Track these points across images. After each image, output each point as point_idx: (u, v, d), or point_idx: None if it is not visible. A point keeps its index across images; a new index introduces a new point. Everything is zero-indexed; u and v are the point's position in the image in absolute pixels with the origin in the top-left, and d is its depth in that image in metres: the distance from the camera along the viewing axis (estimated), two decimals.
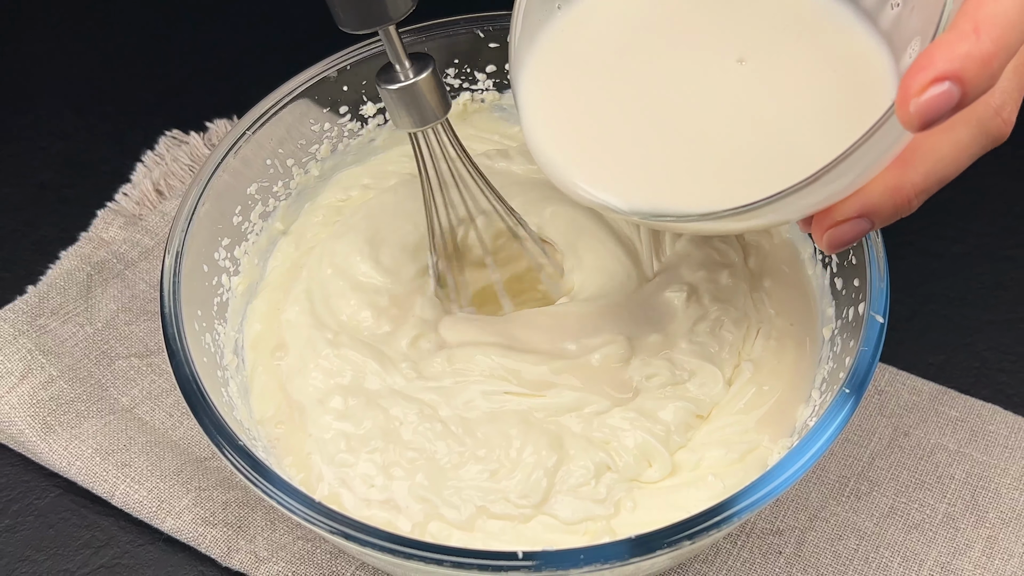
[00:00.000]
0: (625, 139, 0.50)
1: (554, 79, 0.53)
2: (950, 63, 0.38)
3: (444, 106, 0.57)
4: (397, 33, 0.53)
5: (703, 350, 0.60)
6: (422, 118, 0.56)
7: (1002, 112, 0.45)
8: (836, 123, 0.47)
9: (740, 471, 0.56)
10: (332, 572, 0.60)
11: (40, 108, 0.86)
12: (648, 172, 0.49)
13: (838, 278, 0.59)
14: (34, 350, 0.67)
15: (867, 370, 0.51)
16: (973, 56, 0.38)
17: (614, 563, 0.46)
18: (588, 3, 0.54)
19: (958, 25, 0.39)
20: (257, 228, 0.65)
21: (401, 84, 0.55)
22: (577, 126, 0.51)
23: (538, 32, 0.54)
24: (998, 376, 0.69)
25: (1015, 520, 0.62)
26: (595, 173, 0.50)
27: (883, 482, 0.63)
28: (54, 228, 0.77)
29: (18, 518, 0.64)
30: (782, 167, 0.46)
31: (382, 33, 0.53)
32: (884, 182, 0.46)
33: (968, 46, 0.38)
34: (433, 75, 0.55)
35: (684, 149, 0.49)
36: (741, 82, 0.50)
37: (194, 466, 0.64)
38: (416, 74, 0.55)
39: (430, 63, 0.55)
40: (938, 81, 0.38)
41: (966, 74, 0.38)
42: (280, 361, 0.62)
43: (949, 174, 0.46)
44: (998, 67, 0.39)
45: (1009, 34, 0.39)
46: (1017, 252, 0.75)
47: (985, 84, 0.39)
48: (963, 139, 0.45)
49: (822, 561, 0.61)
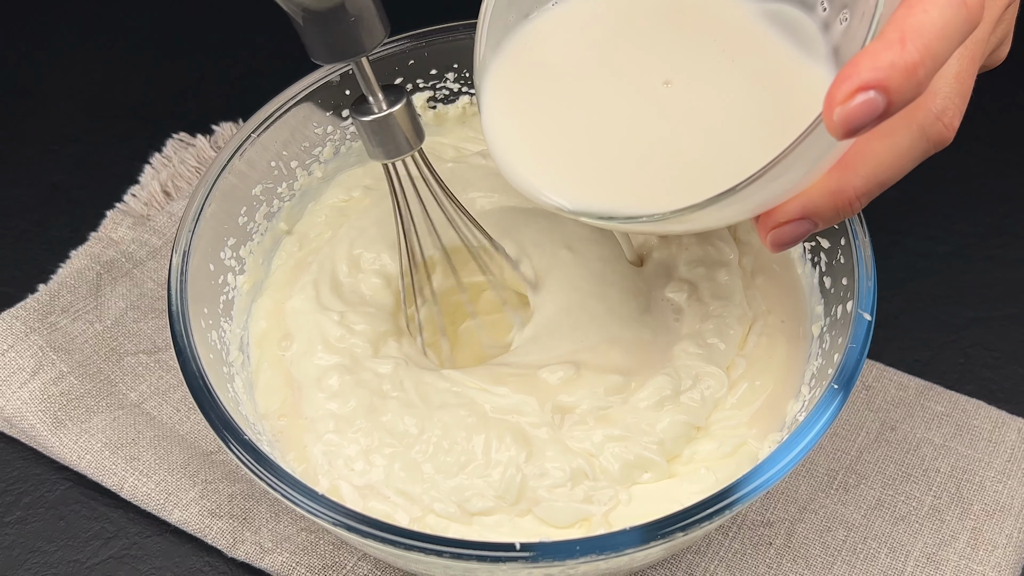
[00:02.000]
0: (577, 146, 0.52)
1: (513, 88, 0.54)
2: (874, 72, 0.38)
3: (417, 137, 0.55)
4: (369, 65, 0.52)
5: (709, 352, 0.59)
6: (396, 149, 0.54)
7: (943, 117, 0.45)
8: (772, 132, 0.48)
9: (732, 464, 0.56)
10: (334, 563, 0.60)
11: (52, 112, 0.86)
12: (598, 176, 0.51)
13: (827, 277, 0.59)
14: (45, 347, 0.67)
15: (855, 366, 0.51)
16: (897, 66, 0.38)
17: (609, 554, 0.46)
18: (549, 18, 0.55)
19: (885, 35, 0.39)
20: (262, 228, 0.65)
21: (374, 116, 0.53)
22: (533, 133, 0.53)
23: (502, 41, 0.54)
24: (982, 372, 0.69)
25: (999, 512, 0.61)
26: (548, 176, 0.51)
27: (871, 475, 0.63)
28: (65, 228, 0.77)
29: (30, 510, 0.64)
30: (723, 172, 0.46)
31: (354, 65, 0.51)
32: (825, 185, 0.46)
33: (893, 56, 0.38)
34: (407, 107, 0.53)
35: (631, 156, 0.50)
36: (684, 95, 0.51)
37: (200, 460, 0.64)
38: (389, 106, 0.53)
39: (403, 95, 0.53)
40: (863, 90, 0.38)
41: (891, 83, 0.38)
42: (285, 351, 0.61)
43: (890, 178, 0.46)
44: (924, 76, 0.39)
45: (936, 43, 0.39)
46: (1000, 252, 0.75)
47: (911, 93, 0.39)
48: (903, 144, 0.45)
49: (811, 552, 0.61)
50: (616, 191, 0.50)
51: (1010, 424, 0.65)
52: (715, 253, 0.63)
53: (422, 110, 0.70)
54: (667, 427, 0.56)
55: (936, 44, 0.39)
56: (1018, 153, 0.81)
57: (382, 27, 0.50)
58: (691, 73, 0.51)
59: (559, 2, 0.55)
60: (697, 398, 0.58)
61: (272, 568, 0.60)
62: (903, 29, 0.39)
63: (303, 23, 0.49)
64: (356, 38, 0.49)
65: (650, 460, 0.55)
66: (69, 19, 0.94)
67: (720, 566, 0.60)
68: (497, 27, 0.54)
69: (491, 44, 0.54)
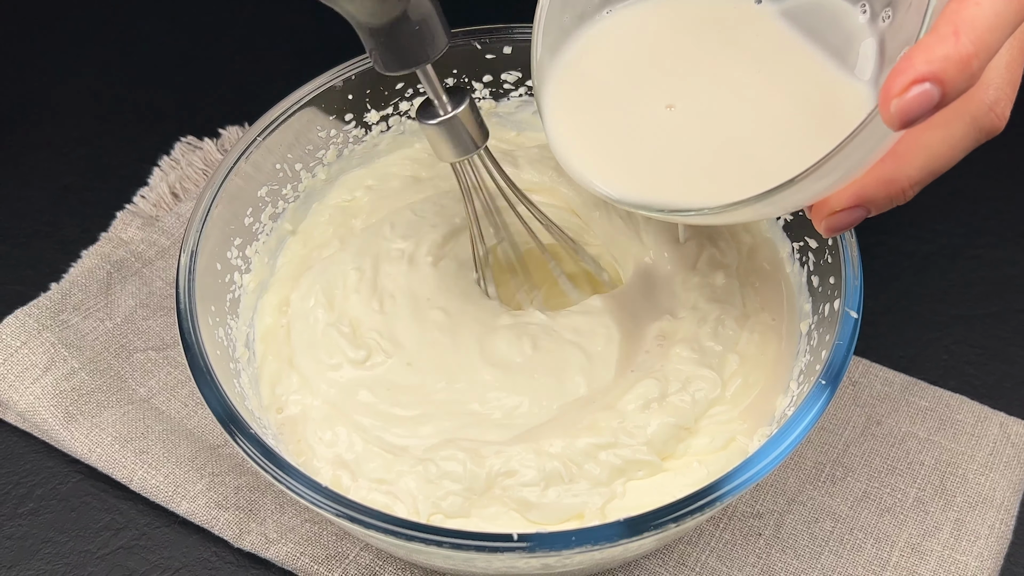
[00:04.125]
0: (635, 145, 0.53)
1: (572, 93, 0.56)
2: (929, 65, 0.38)
3: (482, 135, 0.56)
4: (434, 71, 0.53)
5: (703, 357, 0.59)
6: (464, 148, 0.56)
7: (995, 108, 0.45)
8: (812, 133, 0.49)
9: (723, 458, 0.56)
10: (337, 553, 0.60)
11: (63, 117, 0.86)
12: (659, 173, 0.52)
13: (815, 276, 0.59)
14: (57, 344, 0.67)
15: (842, 363, 0.51)
16: (952, 58, 0.38)
17: (604, 545, 0.46)
18: (602, 27, 0.57)
19: (938, 28, 0.39)
20: (267, 228, 0.65)
21: (441, 119, 0.54)
22: (592, 134, 0.54)
23: (560, 47, 0.56)
24: (965, 368, 0.69)
25: (981, 504, 0.61)
26: (609, 173, 0.53)
27: (857, 468, 0.63)
28: (76, 229, 0.77)
29: (42, 502, 0.64)
30: (770, 169, 0.47)
31: (420, 72, 0.53)
32: (879, 174, 0.46)
33: (947, 48, 0.38)
34: (470, 107, 0.55)
35: (689, 154, 0.52)
36: (729, 101, 0.52)
37: (208, 453, 0.64)
38: (454, 107, 0.54)
39: (466, 96, 0.55)
40: (918, 82, 0.38)
41: (945, 75, 0.38)
42: (285, 345, 0.62)
43: (942, 166, 0.46)
44: (978, 67, 0.39)
45: (988, 35, 0.39)
46: (984, 251, 0.75)
47: (965, 84, 0.39)
48: (956, 134, 0.45)
49: (799, 543, 0.61)
50: (677, 185, 0.51)
51: (992, 418, 0.65)
52: (718, 255, 0.63)
53: None
54: (656, 430, 0.56)
55: (988, 36, 0.39)
56: (1000, 155, 0.81)
57: (444, 34, 0.52)
58: (734, 81, 0.53)
59: (612, 11, 0.57)
60: (687, 400, 0.57)
61: (277, 558, 0.60)
62: (956, 22, 0.39)
63: (367, 36, 0.50)
64: (421, 48, 0.51)
65: (642, 461, 0.55)
66: (80, 27, 0.94)
67: (711, 556, 0.60)
68: (553, 29, 0.55)
69: (547, 46, 0.55)
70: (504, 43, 0.68)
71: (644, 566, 0.60)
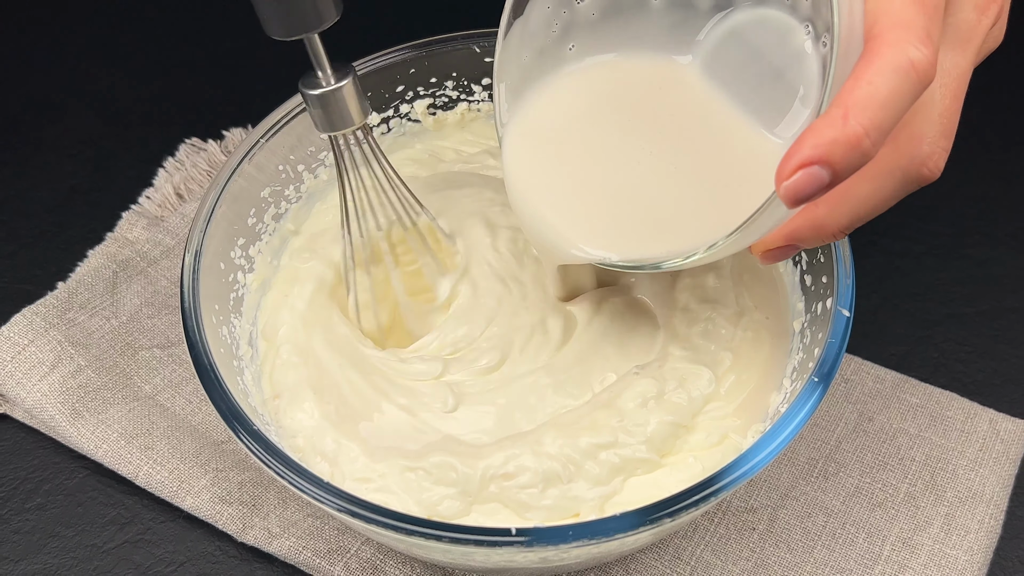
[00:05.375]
0: (585, 204, 0.55)
1: (530, 152, 0.57)
2: (815, 149, 0.39)
3: (362, 112, 0.55)
4: (320, 41, 0.52)
5: (696, 355, 0.59)
6: (341, 122, 0.54)
7: (928, 162, 0.45)
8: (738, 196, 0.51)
9: (718, 454, 0.56)
10: (339, 547, 0.60)
11: (70, 119, 0.86)
12: (617, 231, 0.55)
13: (807, 275, 0.58)
14: (64, 342, 0.67)
15: (834, 360, 0.51)
16: (839, 141, 0.38)
17: (601, 539, 0.46)
18: (557, 87, 0.58)
19: (829, 111, 0.39)
20: (270, 228, 0.65)
21: (322, 90, 0.53)
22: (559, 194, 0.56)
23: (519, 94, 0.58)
24: (955, 366, 0.69)
25: (971, 499, 0.61)
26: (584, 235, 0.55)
27: (849, 464, 0.63)
28: (82, 229, 0.77)
29: (49, 497, 0.64)
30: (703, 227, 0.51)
31: (307, 41, 0.51)
32: (810, 218, 0.48)
33: (835, 132, 0.38)
34: (352, 84, 0.53)
35: (629, 211, 0.55)
36: (667, 162, 0.54)
37: (211, 449, 0.64)
38: (337, 81, 0.53)
39: (350, 71, 0.54)
40: (805, 166, 0.39)
41: (833, 158, 0.39)
42: (281, 343, 0.61)
43: (870, 214, 0.47)
44: (871, 145, 0.39)
45: (881, 113, 0.39)
46: (973, 251, 0.75)
47: (857, 163, 0.39)
48: (887, 187, 0.46)
49: (793, 537, 0.61)
50: (619, 240, 0.54)
51: (981, 415, 0.65)
52: None
53: (422, 116, 0.70)
54: (656, 429, 0.56)
55: (881, 114, 0.39)
56: (989, 158, 0.81)
57: (333, 5, 0.50)
58: (671, 144, 0.54)
59: (570, 72, 0.58)
60: (684, 398, 0.57)
61: (280, 552, 0.60)
62: (847, 103, 0.39)
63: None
64: (309, 16, 0.49)
65: (641, 459, 0.55)
66: (87, 31, 0.93)
67: (706, 550, 0.60)
68: (512, 68, 0.57)
69: (509, 88, 0.57)
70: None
71: (640, 560, 0.60)
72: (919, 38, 0.39)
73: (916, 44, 0.39)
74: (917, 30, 0.39)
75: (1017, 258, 0.75)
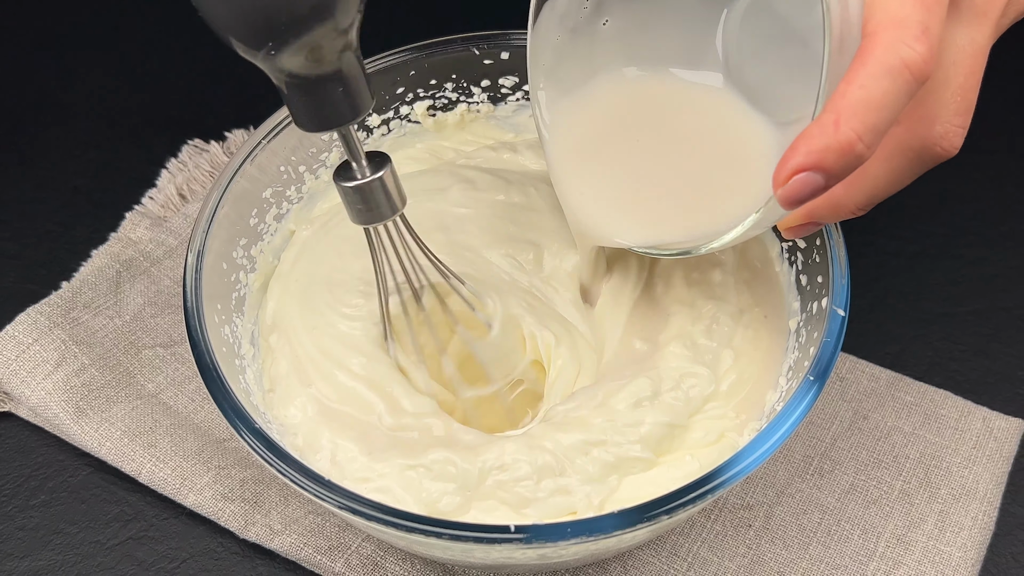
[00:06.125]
0: (633, 196, 0.58)
1: (575, 149, 0.59)
2: (807, 156, 0.39)
3: (401, 201, 0.51)
4: (354, 134, 0.48)
5: (696, 355, 0.58)
6: (379, 214, 0.50)
7: (941, 143, 0.44)
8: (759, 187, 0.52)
9: (714, 451, 0.56)
10: (340, 543, 0.60)
11: (74, 121, 0.86)
12: (646, 219, 0.57)
13: (803, 275, 0.58)
14: (68, 340, 0.67)
15: (830, 359, 0.51)
16: (832, 148, 0.38)
17: (598, 536, 0.46)
18: (585, 98, 0.59)
19: (822, 117, 0.39)
20: (272, 229, 0.65)
21: (357, 182, 0.49)
22: (603, 187, 0.58)
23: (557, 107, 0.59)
24: (949, 364, 0.69)
25: (965, 496, 0.61)
26: (621, 224, 0.58)
27: (844, 461, 0.63)
28: (86, 229, 0.77)
29: (53, 494, 0.64)
30: (735, 211, 0.53)
31: (339, 134, 0.47)
32: (829, 197, 0.48)
33: (827, 139, 0.38)
34: (390, 174, 0.50)
35: (670, 204, 0.57)
36: (685, 161, 0.57)
37: (214, 447, 0.64)
38: (373, 172, 0.49)
39: (387, 161, 0.50)
40: (799, 172, 0.39)
41: (826, 163, 0.39)
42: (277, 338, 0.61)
43: (889, 191, 0.47)
44: (864, 148, 0.39)
45: (875, 116, 0.38)
46: (967, 251, 0.75)
47: (851, 166, 0.39)
48: (902, 167, 0.45)
49: (788, 534, 0.61)
50: (653, 229, 0.57)
51: (975, 413, 0.65)
52: (717, 252, 0.63)
53: (422, 118, 0.70)
54: (650, 430, 0.55)
55: (874, 116, 0.38)
56: (982, 158, 0.81)
57: (369, 95, 0.46)
58: (696, 143, 0.57)
59: (606, 81, 0.59)
60: (681, 397, 0.57)
61: (281, 549, 0.60)
62: (839, 108, 0.39)
63: (288, 91, 0.44)
64: (345, 106, 0.45)
65: (636, 458, 0.55)
66: (90, 34, 0.93)
67: (703, 547, 0.60)
68: (546, 49, 0.57)
69: (547, 81, 0.58)
70: (502, 49, 0.68)
71: (638, 556, 0.60)
72: (913, 36, 0.39)
73: (910, 43, 0.38)
74: (912, 27, 0.39)
75: (1010, 258, 0.75)
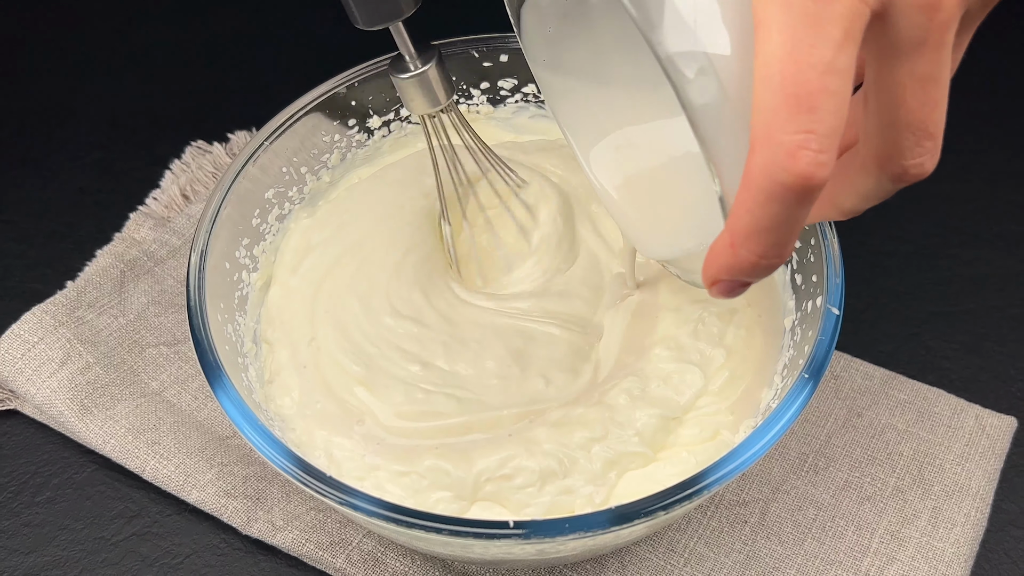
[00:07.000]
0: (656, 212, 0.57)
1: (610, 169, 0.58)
2: (719, 271, 0.39)
3: (450, 90, 0.57)
4: (405, 29, 0.54)
5: (681, 354, 0.58)
6: (433, 101, 0.57)
7: (910, 170, 0.40)
8: None
9: (711, 449, 0.56)
10: (341, 539, 0.60)
11: (79, 122, 0.86)
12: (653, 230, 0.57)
13: (798, 274, 0.58)
14: (73, 339, 0.67)
15: (824, 357, 0.51)
16: (735, 267, 0.38)
17: (596, 532, 0.46)
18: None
19: (721, 237, 0.38)
20: (274, 229, 0.65)
21: (412, 73, 0.56)
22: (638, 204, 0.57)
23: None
24: (942, 363, 0.69)
25: (958, 492, 0.61)
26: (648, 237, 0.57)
27: (839, 458, 0.63)
28: (91, 229, 0.77)
29: (58, 491, 0.64)
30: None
31: (392, 29, 0.54)
32: (825, 198, 0.45)
33: (728, 259, 0.38)
34: (439, 65, 0.56)
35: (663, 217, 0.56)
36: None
37: (217, 444, 0.64)
38: (424, 64, 0.56)
39: (435, 53, 0.56)
40: (717, 282, 0.40)
41: (739, 275, 0.39)
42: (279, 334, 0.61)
43: (878, 201, 0.43)
44: (771, 260, 0.38)
45: (769, 236, 0.37)
46: (960, 251, 0.75)
47: (765, 272, 0.38)
48: (870, 190, 0.42)
49: (783, 530, 0.61)
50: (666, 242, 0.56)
51: (968, 411, 0.65)
52: None
53: None
54: (646, 422, 0.56)
55: (770, 237, 0.37)
56: (975, 159, 0.81)
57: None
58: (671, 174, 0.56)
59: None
60: (671, 392, 0.57)
61: (283, 544, 0.60)
62: (732, 230, 0.37)
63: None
64: (394, 4, 0.52)
65: (635, 453, 0.55)
66: (94, 37, 0.94)
67: (699, 542, 0.60)
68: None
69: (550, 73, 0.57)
70: (500, 51, 0.68)
71: (635, 552, 0.60)
72: (787, 153, 0.34)
73: (784, 164, 0.34)
74: (784, 143, 0.34)
75: (1003, 258, 0.75)
